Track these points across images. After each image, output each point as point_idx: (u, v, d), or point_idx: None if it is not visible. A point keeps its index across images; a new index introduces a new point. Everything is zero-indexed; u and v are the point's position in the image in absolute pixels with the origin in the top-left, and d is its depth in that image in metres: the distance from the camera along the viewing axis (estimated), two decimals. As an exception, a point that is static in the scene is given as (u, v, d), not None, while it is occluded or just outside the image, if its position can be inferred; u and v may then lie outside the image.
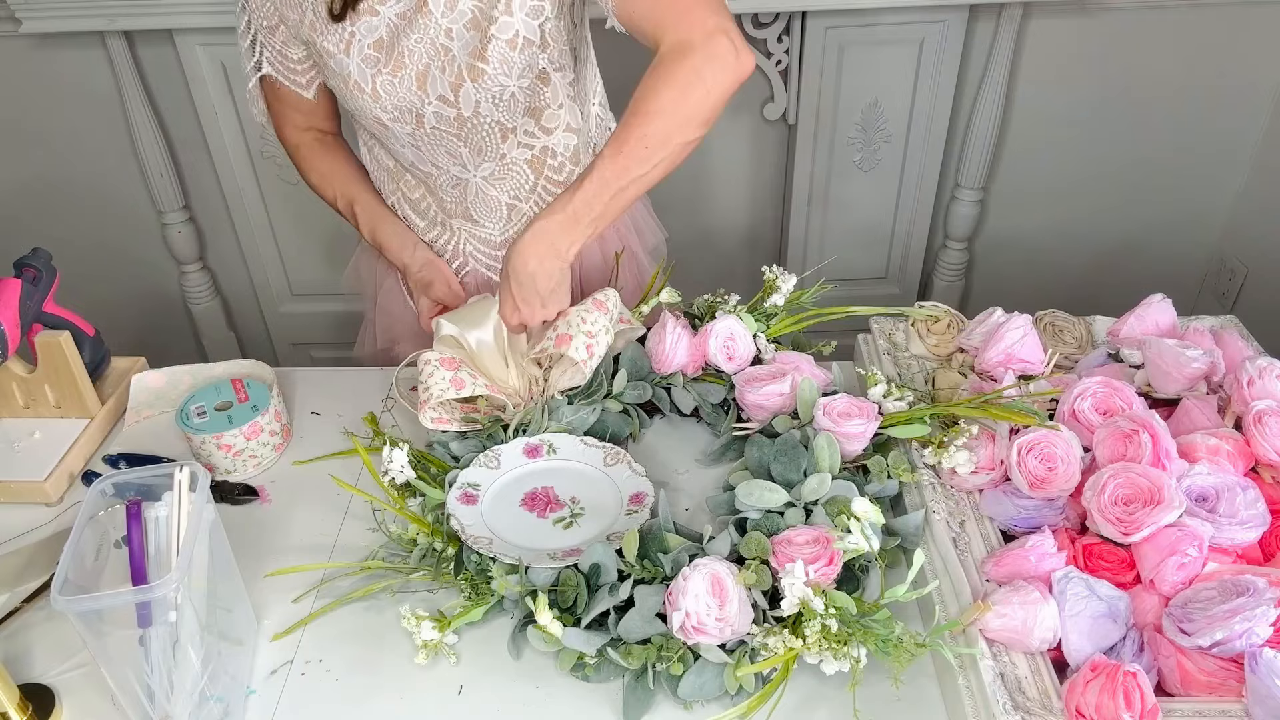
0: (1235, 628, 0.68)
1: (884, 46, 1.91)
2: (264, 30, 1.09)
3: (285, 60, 1.12)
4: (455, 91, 1.07)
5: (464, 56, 1.05)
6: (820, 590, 0.76)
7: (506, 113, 1.10)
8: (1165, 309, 1.02)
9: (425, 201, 1.21)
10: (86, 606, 0.68)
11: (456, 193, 1.18)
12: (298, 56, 1.11)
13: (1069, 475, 0.82)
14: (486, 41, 1.03)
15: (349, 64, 1.05)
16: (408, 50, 1.04)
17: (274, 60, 1.12)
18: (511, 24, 1.03)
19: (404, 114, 1.09)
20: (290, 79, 1.13)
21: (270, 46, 1.11)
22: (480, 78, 1.06)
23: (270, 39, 1.10)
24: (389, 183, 1.23)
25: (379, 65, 1.05)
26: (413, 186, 1.21)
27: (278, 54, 1.11)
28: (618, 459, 0.98)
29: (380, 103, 1.07)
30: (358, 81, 1.06)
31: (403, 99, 1.07)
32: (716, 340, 1.04)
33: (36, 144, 2.06)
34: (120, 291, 2.27)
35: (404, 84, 1.06)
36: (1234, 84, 2.01)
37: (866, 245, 2.21)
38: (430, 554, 0.89)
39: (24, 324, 1.03)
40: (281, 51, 1.11)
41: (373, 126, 1.13)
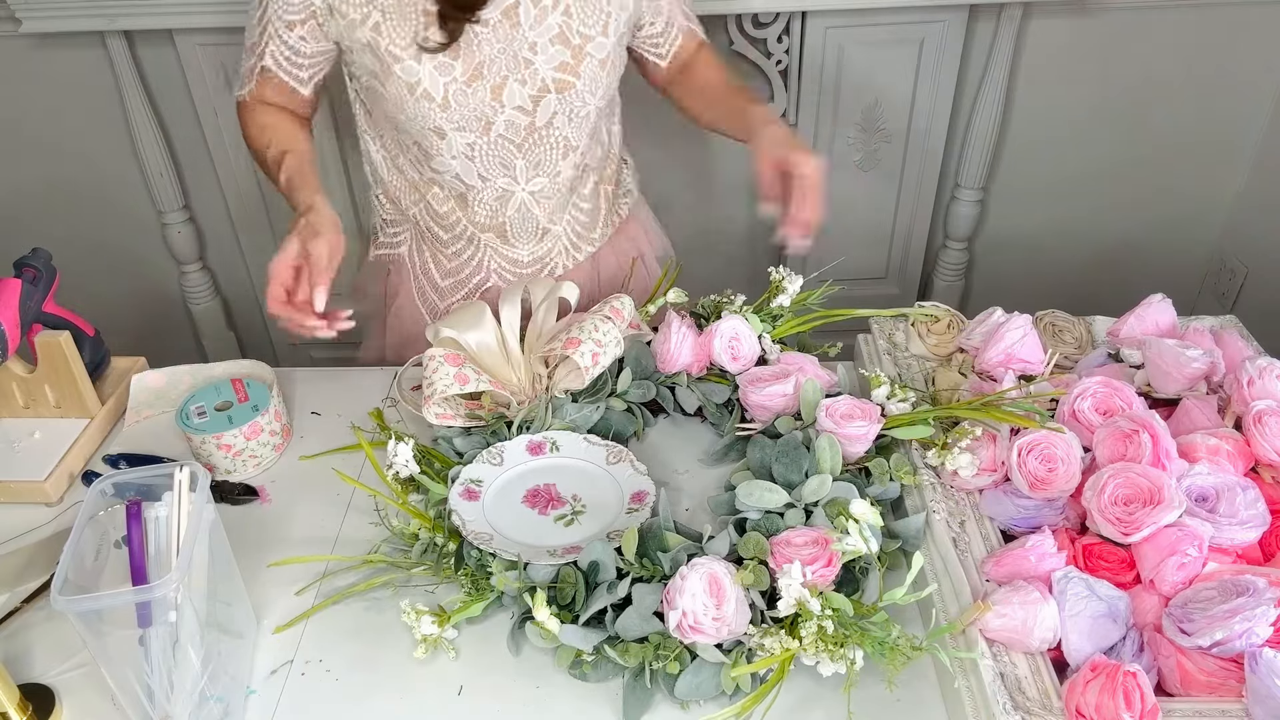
0: (1235, 628, 0.68)
1: (884, 46, 1.91)
2: (281, 23, 1.06)
3: (295, 56, 1.09)
4: (535, 103, 1.09)
5: (549, 70, 1.07)
6: (817, 591, 0.76)
7: (576, 131, 1.13)
8: (1165, 309, 1.02)
9: (454, 215, 1.20)
10: (86, 606, 0.68)
11: (496, 206, 1.18)
12: (309, 51, 1.08)
13: (1069, 476, 0.82)
14: (580, 59, 1.07)
15: (419, 70, 1.04)
16: (487, 61, 1.05)
17: (279, 54, 1.08)
18: (606, 45, 1.09)
19: (471, 122, 1.08)
20: (291, 74, 1.10)
21: (280, 40, 1.07)
22: (567, 91, 1.09)
23: (286, 33, 1.06)
24: (410, 193, 1.21)
25: (453, 73, 1.04)
26: (441, 200, 1.19)
27: (289, 48, 1.08)
28: (620, 457, 0.98)
29: (449, 111, 1.06)
30: (428, 89, 1.05)
31: (473, 108, 1.07)
32: (721, 340, 1.04)
33: (36, 144, 2.06)
34: (120, 291, 2.27)
35: (477, 94, 1.06)
36: (1234, 83, 2.01)
37: (866, 245, 2.21)
38: (431, 549, 0.89)
39: (24, 324, 1.03)
40: (294, 47, 1.07)
41: (424, 136, 1.10)
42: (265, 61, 1.09)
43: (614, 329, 1.04)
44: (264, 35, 1.08)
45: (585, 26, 1.07)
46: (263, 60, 1.09)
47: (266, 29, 1.07)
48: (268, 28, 1.07)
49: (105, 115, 2.01)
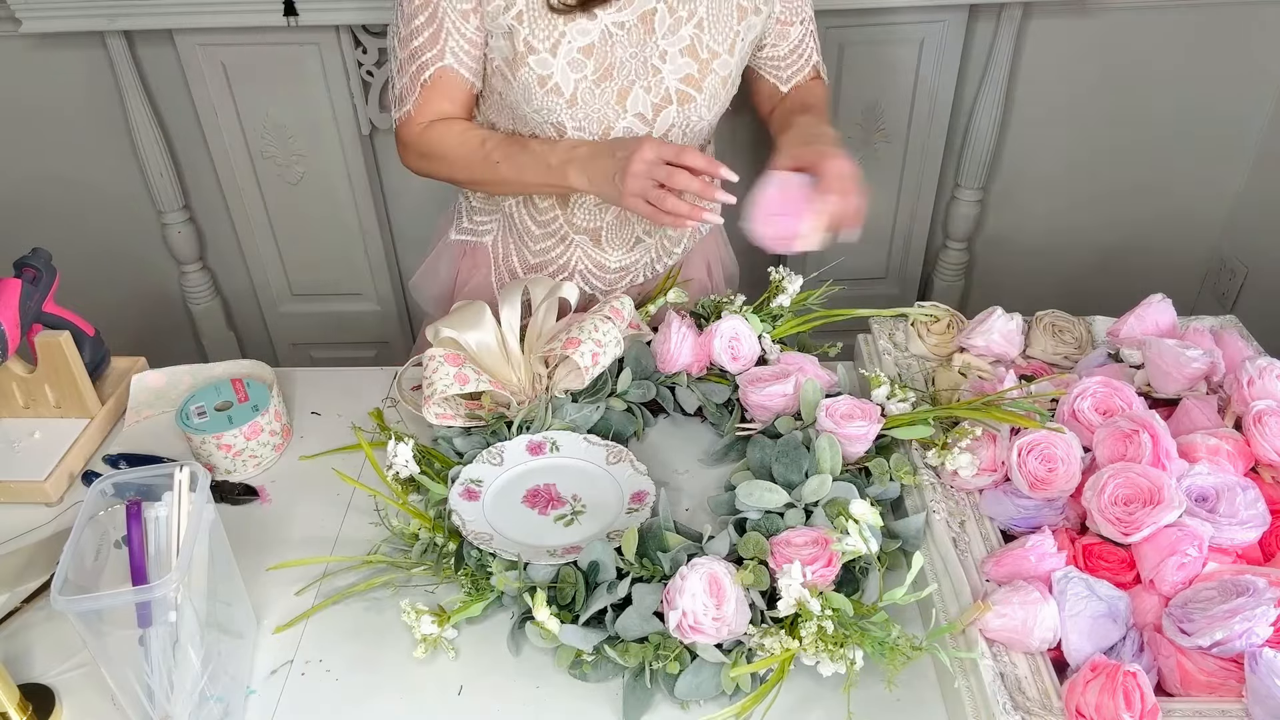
0: (1235, 628, 0.68)
1: (884, 46, 1.91)
2: (457, 16, 1.03)
3: (473, 49, 1.06)
4: (656, 112, 1.09)
5: (674, 81, 1.08)
6: (817, 591, 0.76)
7: (689, 143, 1.13)
8: (1165, 309, 1.02)
9: (552, 213, 1.20)
10: (86, 606, 0.68)
11: (596, 211, 1.18)
12: (481, 42, 1.06)
13: (1069, 476, 0.83)
14: (705, 74, 1.08)
15: (554, 64, 1.04)
16: (619, 63, 1.05)
17: (460, 50, 1.06)
18: (730, 63, 1.10)
19: (592, 124, 1.08)
20: (471, 68, 1.08)
21: (459, 35, 1.04)
22: (688, 103, 1.10)
23: (463, 25, 1.04)
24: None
25: (584, 70, 1.05)
26: (543, 195, 1.18)
27: (467, 42, 1.05)
28: (620, 457, 0.98)
29: (574, 110, 1.06)
30: (558, 84, 1.04)
31: (598, 109, 1.07)
32: (721, 340, 1.04)
33: (36, 144, 2.06)
34: (120, 291, 2.27)
35: (604, 95, 1.06)
36: (1234, 83, 2.01)
37: (866, 245, 2.20)
38: (431, 549, 0.89)
39: (24, 324, 1.03)
40: (473, 39, 1.05)
41: (544, 129, 1.09)
42: (446, 61, 1.06)
43: (614, 329, 1.04)
44: (440, 33, 1.04)
45: (715, 42, 1.08)
46: (442, 60, 1.06)
47: (442, 25, 1.04)
48: (444, 23, 1.04)
49: (105, 115, 2.01)
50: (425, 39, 1.05)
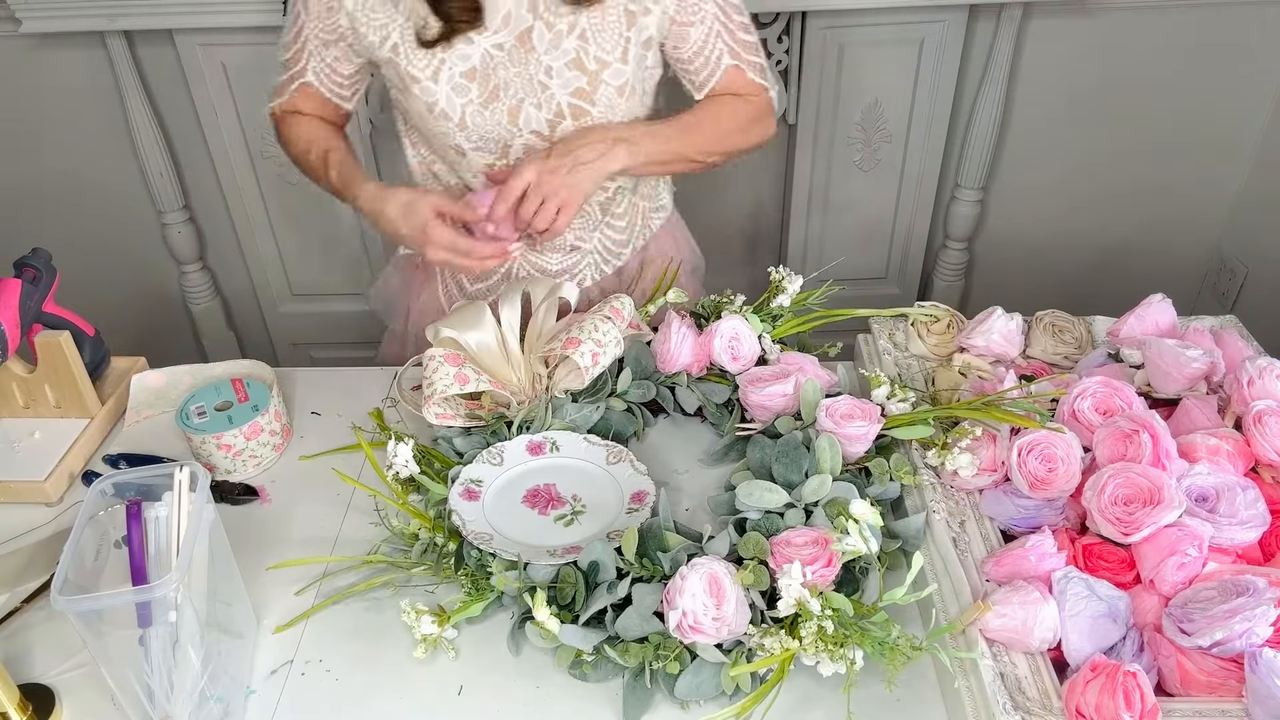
0: (1235, 628, 0.68)
1: (884, 46, 1.91)
2: (316, 42, 1.09)
3: (334, 75, 1.12)
4: (552, 128, 1.08)
5: (564, 95, 1.06)
6: (817, 591, 0.76)
7: None
8: (1165, 309, 1.02)
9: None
10: (86, 606, 0.68)
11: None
12: (347, 72, 1.12)
13: (1069, 476, 0.82)
14: (596, 85, 1.06)
15: (437, 91, 1.05)
16: (503, 84, 1.05)
17: (320, 72, 1.12)
18: (624, 72, 1.07)
19: (489, 144, 1.08)
20: (334, 91, 1.14)
21: (319, 59, 1.10)
22: (583, 118, 1.08)
23: (322, 52, 1.10)
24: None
25: (469, 94, 1.05)
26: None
27: (326, 68, 1.11)
28: (620, 457, 0.98)
29: (466, 132, 1.07)
30: (444, 110, 1.05)
31: (491, 130, 1.07)
32: (721, 340, 1.04)
33: (36, 144, 2.06)
34: (120, 291, 2.27)
35: (494, 116, 1.06)
36: (1234, 84, 2.01)
37: (866, 245, 2.21)
38: (431, 549, 0.89)
39: (24, 324, 1.03)
40: (332, 66, 1.11)
41: (446, 153, 1.11)
42: (308, 78, 1.12)
43: (614, 329, 1.04)
44: (304, 52, 1.10)
45: (602, 52, 1.05)
46: (304, 77, 1.12)
47: (306, 46, 1.09)
48: (306, 44, 1.09)
49: (105, 115, 2.01)
50: (293, 53, 1.11)
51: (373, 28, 1.04)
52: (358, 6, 1.04)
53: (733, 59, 1.12)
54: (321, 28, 1.07)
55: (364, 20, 1.04)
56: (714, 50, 1.11)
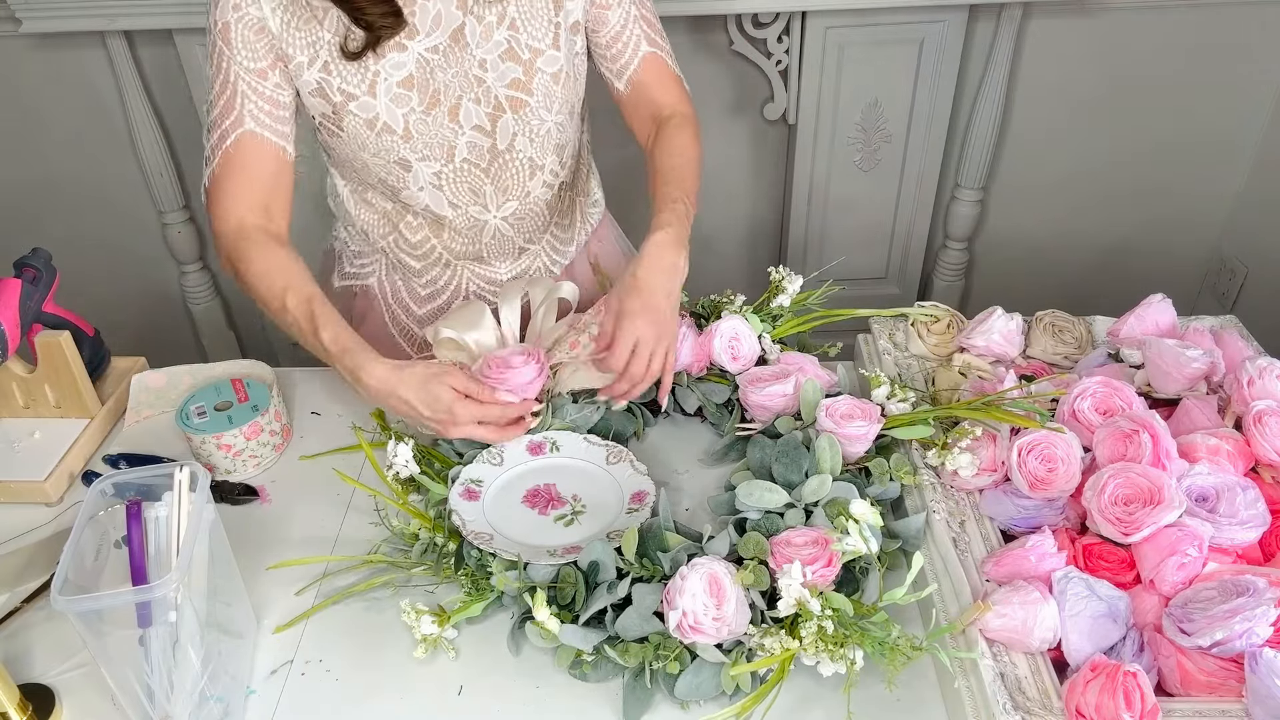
0: (1235, 628, 0.68)
1: (884, 46, 1.91)
2: (251, 76, 0.98)
3: (276, 109, 1.00)
4: (493, 123, 1.06)
5: (501, 87, 1.04)
6: (818, 591, 0.76)
7: (539, 149, 1.10)
8: (1165, 309, 1.02)
9: (429, 244, 1.17)
10: (86, 606, 0.68)
11: (471, 235, 1.15)
12: (286, 101, 1.01)
13: (1069, 476, 0.82)
14: (532, 74, 1.04)
15: (377, 105, 1.01)
16: (443, 86, 1.02)
17: (259, 113, 0.99)
18: (557, 58, 1.05)
19: (435, 149, 1.06)
20: (277, 130, 1.01)
21: (257, 95, 0.99)
22: (522, 109, 1.06)
23: (259, 85, 0.99)
24: (381, 225, 1.17)
25: (410, 103, 1.02)
26: (415, 228, 1.16)
27: (267, 101, 1.00)
28: (620, 457, 0.98)
29: (412, 142, 1.04)
30: (387, 122, 1.02)
31: (435, 135, 1.04)
32: (721, 340, 1.04)
33: (37, 144, 2.06)
34: (120, 291, 2.27)
35: (437, 120, 1.04)
36: (1234, 83, 2.01)
37: (866, 245, 2.21)
38: (431, 549, 0.89)
39: (24, 324, 1.03)
40: (273, 97, 1.00)
41: (389, 171, 1.07)
42: (247, 125, 0.99)
43: None
44: (236, 97, 0.98)
45: (533, 40, 1.04)
46: (242, 125, 0.99)
47: (236, 89, 0.98)
48: (237, 86, 0.98)
49: (105, 115, 2.01)
50: (222, 106, 0.99)
51: (299, 48, 0.98)
52: (283, 28, 0.97)
53: (650, 46, 1.11)
54: (249, 57, 0.97)
55: (290, 41, 0.98)
56: (631, 35, 1.10)
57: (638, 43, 1.11)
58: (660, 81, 1.14)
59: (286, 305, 0.97)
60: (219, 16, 0.97)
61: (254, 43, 0.97)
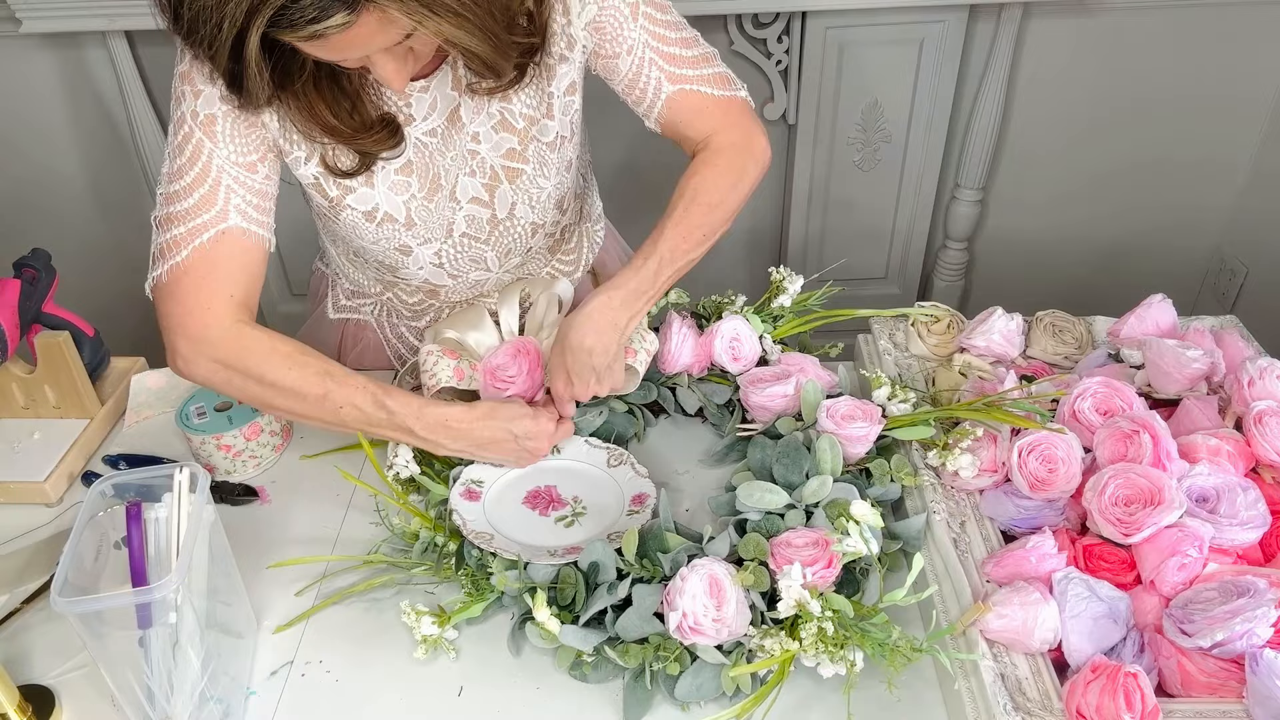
0: (1236, 628, 0.68)
1: (884, 46, 1.91)
2: (237, 170, 0.90)
3: (263, 202, 0.93)
4: (490, 193, 1.02)
5: (495, 158, 1.00)
6: (818, 593, 0.76)
7: (540, 211, 1.06)
8: (1165, 309, 1.02)
9: (424, 304, 1.15)
10: (86, 608, 0.68)
11: (470, 292, 1.13)
12: (273, 193, 0.94)
13: (1070, 476, 0.82)
14: (526, 143, 0.99)
15: (375, 196, 0.97)
16: (443, 170, 0.98)
17: (246, 208, 0.91)
18: (551, 126, 1.00)
19: (435, 231, 1.02)
20: (262, 222, 0.93)
21: (244, 189, 0.90)
22: (518, 179, 1.01)
23: (247, 178, 0.91)
24: (375, 285, 1.15)
25: (410, 190, 0.98)
26: (411, 291, 1.14)
27: (255, 195, 0.92)
28: (621, 460, 0.98)
29: (414, 229, 1.00)
30: (389, 212, 0.98)
31: (436, 218, 1.01)
32: (722, 341, 1.04)
33: (36, 144, 2.06)
34: (120, 291, 2.26)
35: (439, 204, 1.00)
36: (1234, 83, 2.01)
37: (866, 245, 2.21)
38: (432, 549, 0.89)
39: (23, 324, 1.03)
40: (261, 190, 0.92)
41: (388, 255, 1.03)
42: (231, 221, 0.90)
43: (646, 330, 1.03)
44: (218, 190, 0.89)
45: (527, 109, 0.98)
46: (226, 221, 0.90)
47: (221, 181, 0.89)
48: (220, 179, 0.89)
49: (105, 115, 2.01)
50: (198, 199, 0.89)
51: (294, 144, 0.92)
52: (275, 120, 0.91)
53: (675, 84, 0.99)
54: (239, 150, 0.89)
55: (285, 138, 0.92)
56: (649, 79, 0.99)
57: (658, 84, 0.99)
58: (693, 117, 1.01)
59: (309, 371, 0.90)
60: (200, 108, 0.87)
61: (246, 135, 0.90)
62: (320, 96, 0.87)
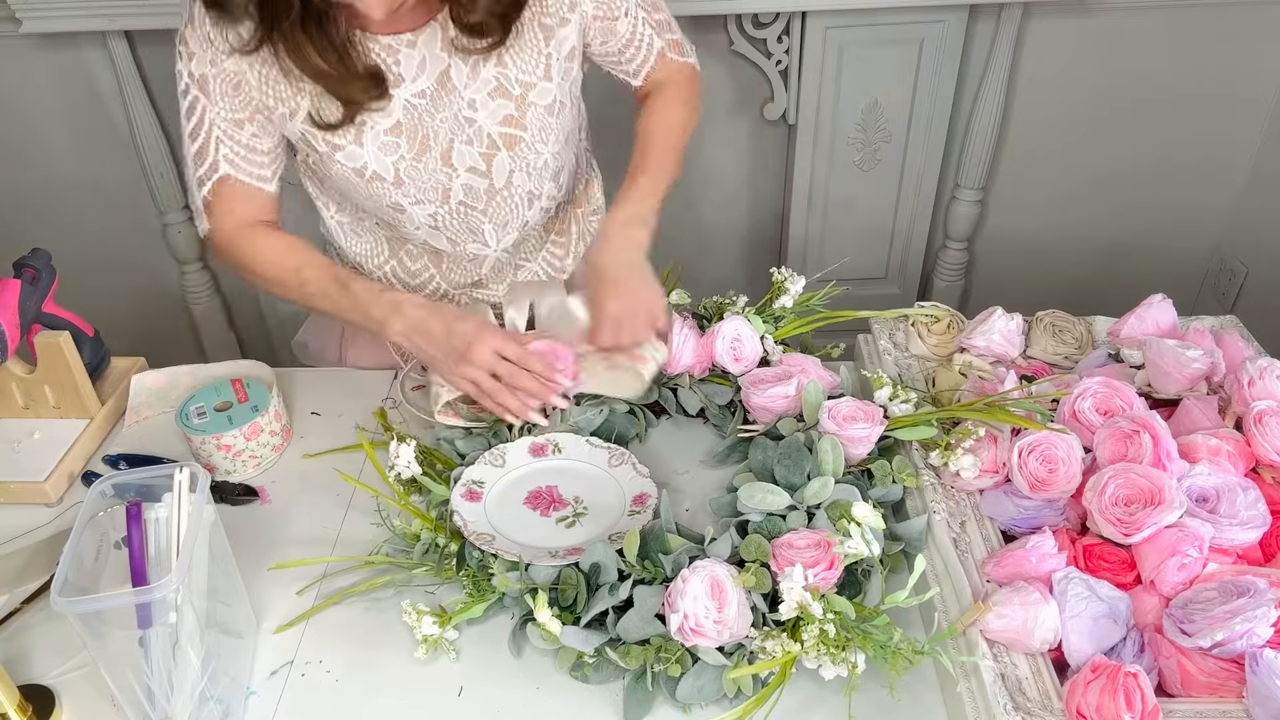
0: (1236, 628, 0.68)
1: (884, 46, 1.91)
2: (227, 124, 0.98)
3: (251, 155, 1.01)
4: (488, 162, 1.04)
5: (493, 125, 1.02)
6: (819, 594, 0.75)
7: (537, 180, 1.08)
8: (1165, 309, 1.02)
9: (427, 272, 1.16)
10: (86, 608, 0.68)
11: (470, 266, 1.15)
12: (266, 148, 1.01)
13: (1070, 477, 0.82)
14: (524, 109, 1.02)
15: (364, 154, 0.99)
16: (432, 132, 1.00)
17: (235, 158, 1.00)
18: (550, 90, 1.02)
19: (428, 193, 1.04)
20: (253, 174, 1.02)
21: (232, 142, 0.99)
22: (517, 145, 1.03)
23: (235, 133, 0.98)
24: (377, 256, 1.16)
25: (399, 150, 1.00)
26: (415, 256, 1.15)
27: (242, 148, 1.00)
28: (622, 460, 0.98)
29: (404, 188, 1.02)
30: (377, 171, 1.00)
31: (428, 180, 1.03)
32: (723, 341, 1.04)
33: (36, 144, 2.06)
34: (120, 291, 2.26)
35: (429, 165, 1.02)
36: (1234, 83, 2.01)
37: (866, 245, 2.21)
38: (433, 549, 0.89)
39: (24, 324, 1.03)
40: (249, 145, 1.00)
41: (384, 213, 1.06)
42: (221, 171, 1.00)
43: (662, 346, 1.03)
44: (211, 141, 0.99)
45: (524, 74, 1.00)
46: (217, 171, 1.00)
47: (212, 135, 0.98)
48: (212, 133, 0.98)
49: (105, 115, 2.01)
50: (197, 148, 0.99)
51: (280, 100, 0.96)
52: (262, 81, 0.96)
53: (662, 41, 1.11)
54: (228, 107, 0.97)
55: (270, 94, 0.96)
56: (643, 36, 1.09)
57: (650, 41, 1.10)
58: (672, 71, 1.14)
59: (305, 277, 1.01)
60: (194, 69, 0.95)
61: (233, 96, 0.96)
62: (308, 40, 0.90)
